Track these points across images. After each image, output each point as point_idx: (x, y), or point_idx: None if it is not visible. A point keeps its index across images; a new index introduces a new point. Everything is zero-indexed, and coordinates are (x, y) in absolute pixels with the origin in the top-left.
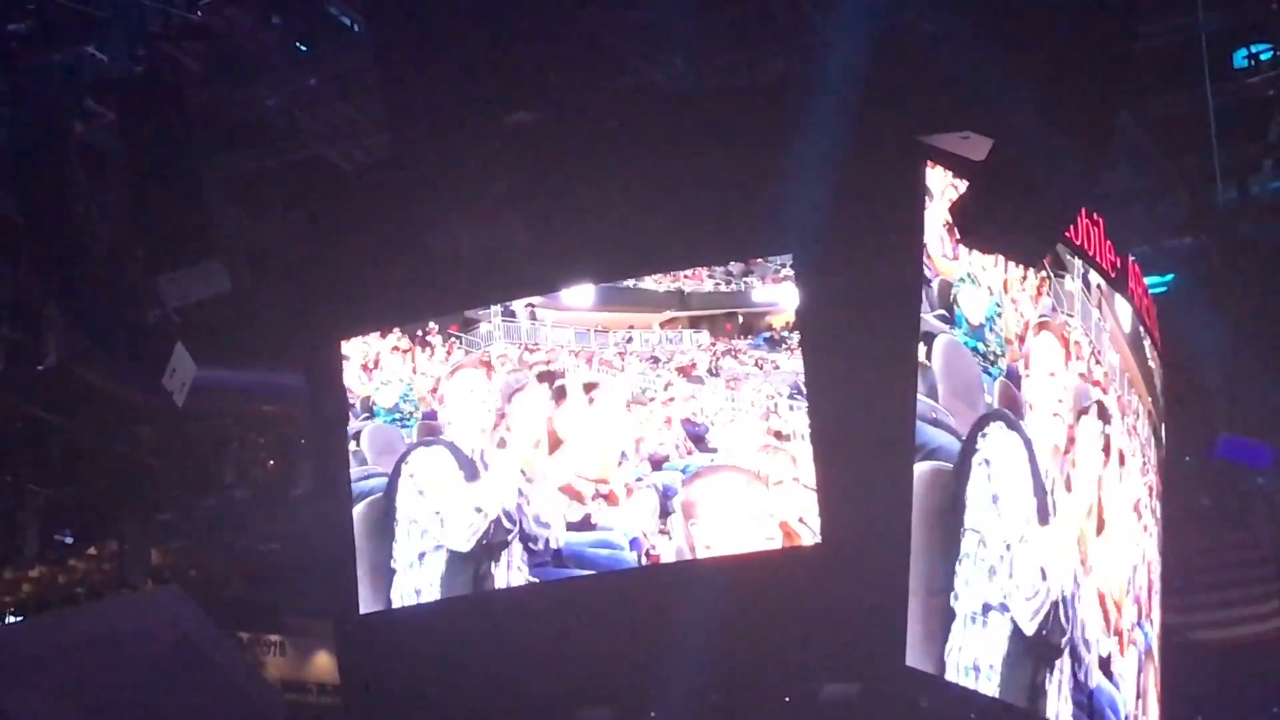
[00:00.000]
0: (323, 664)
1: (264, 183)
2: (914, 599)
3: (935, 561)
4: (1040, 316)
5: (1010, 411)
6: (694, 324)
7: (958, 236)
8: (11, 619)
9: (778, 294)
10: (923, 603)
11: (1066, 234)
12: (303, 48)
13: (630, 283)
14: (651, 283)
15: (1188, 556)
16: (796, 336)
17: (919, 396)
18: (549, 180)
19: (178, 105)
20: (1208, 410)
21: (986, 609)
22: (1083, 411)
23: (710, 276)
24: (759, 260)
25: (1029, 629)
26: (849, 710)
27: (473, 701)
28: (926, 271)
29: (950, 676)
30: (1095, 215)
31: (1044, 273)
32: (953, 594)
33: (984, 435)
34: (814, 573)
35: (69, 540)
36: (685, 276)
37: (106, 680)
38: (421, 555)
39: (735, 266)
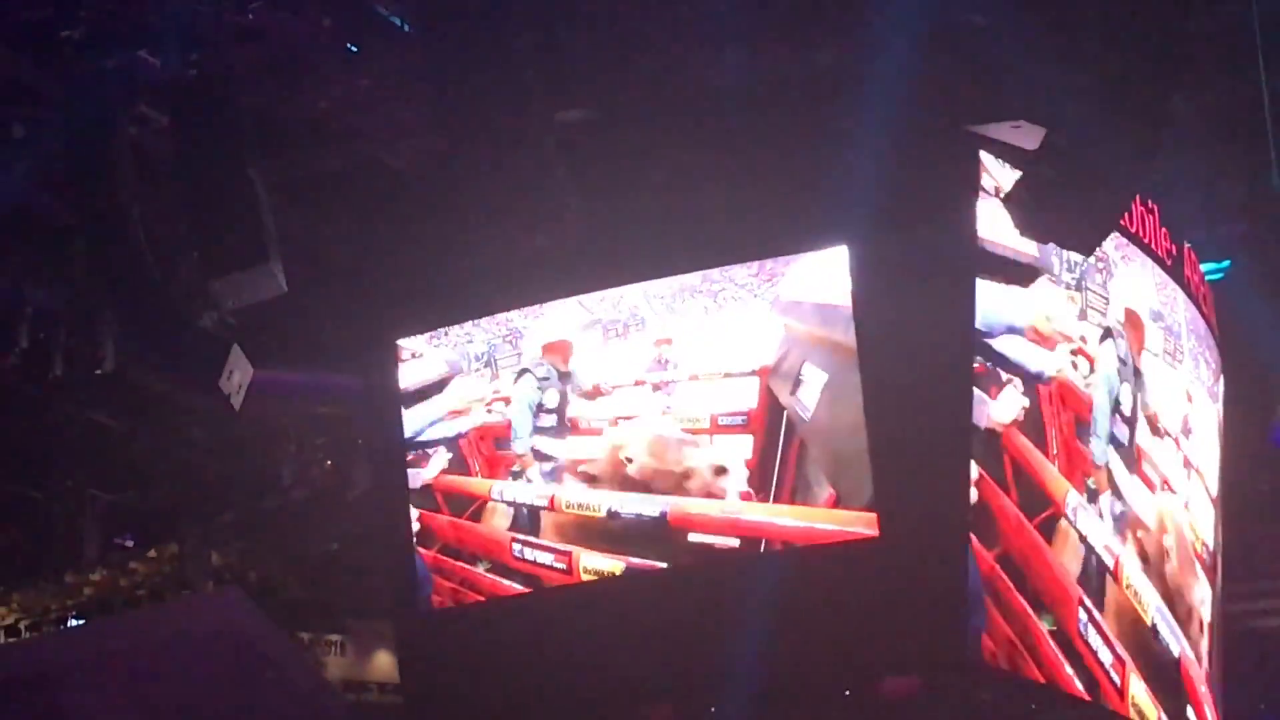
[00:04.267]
0: (384, 663)
1: (318, 184)
2: None
3: None
4: None
5: None
6: None
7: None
8: (73, 622)
9: None
10: None
11: (1122, 222)
12: (354, 48)
13: None
14: None
15: (1249, 544)
16: None
17: None
18: (601, 177)
19: (230, 108)
20: (1266, 396)
21: None
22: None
23: None
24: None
25: None
26: (909, 703)
27: (533, 698)
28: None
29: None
30: (1150, 203)
31: None
32: None
33: None
34: (874, 565)
35: (129, 544)
36: None
37: (168, 683)
38: None
39: None
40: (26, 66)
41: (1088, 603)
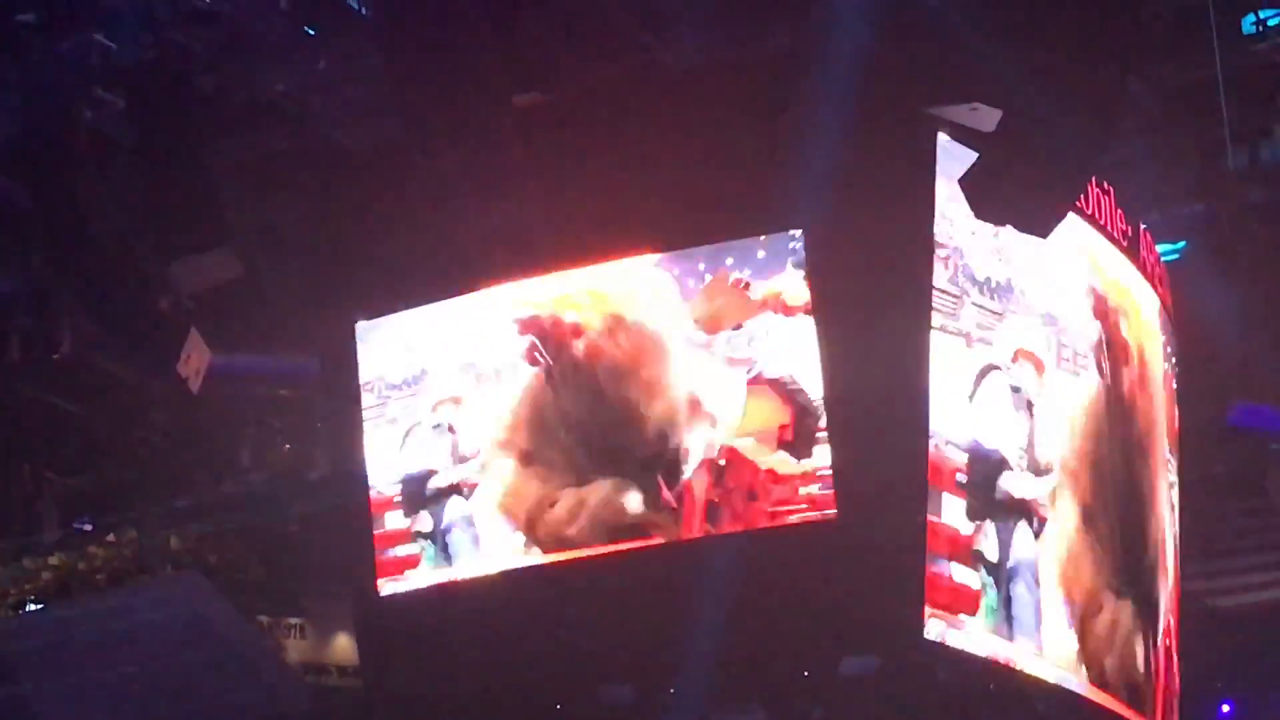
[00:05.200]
0: (343, 646)
1: (275, 167)
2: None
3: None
4: None
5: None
6: None
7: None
8: (32, 607)
9: None
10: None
11: (1077, 203)
12: (311, 31)
13: None
14: None
15: (1205, 524)
16: None
17: None
18: (557, 159)
19: (186, 91)
20: (1221, 377)
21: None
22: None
23: None
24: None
25: None
26: (868, 683)
27: (492, 681)
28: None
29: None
30: (1105, 184)
31: None
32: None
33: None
34: (831, 547)
35: (88, 528)
36: None
37: (127, 667)
38: None
39: None
40: None
41: None
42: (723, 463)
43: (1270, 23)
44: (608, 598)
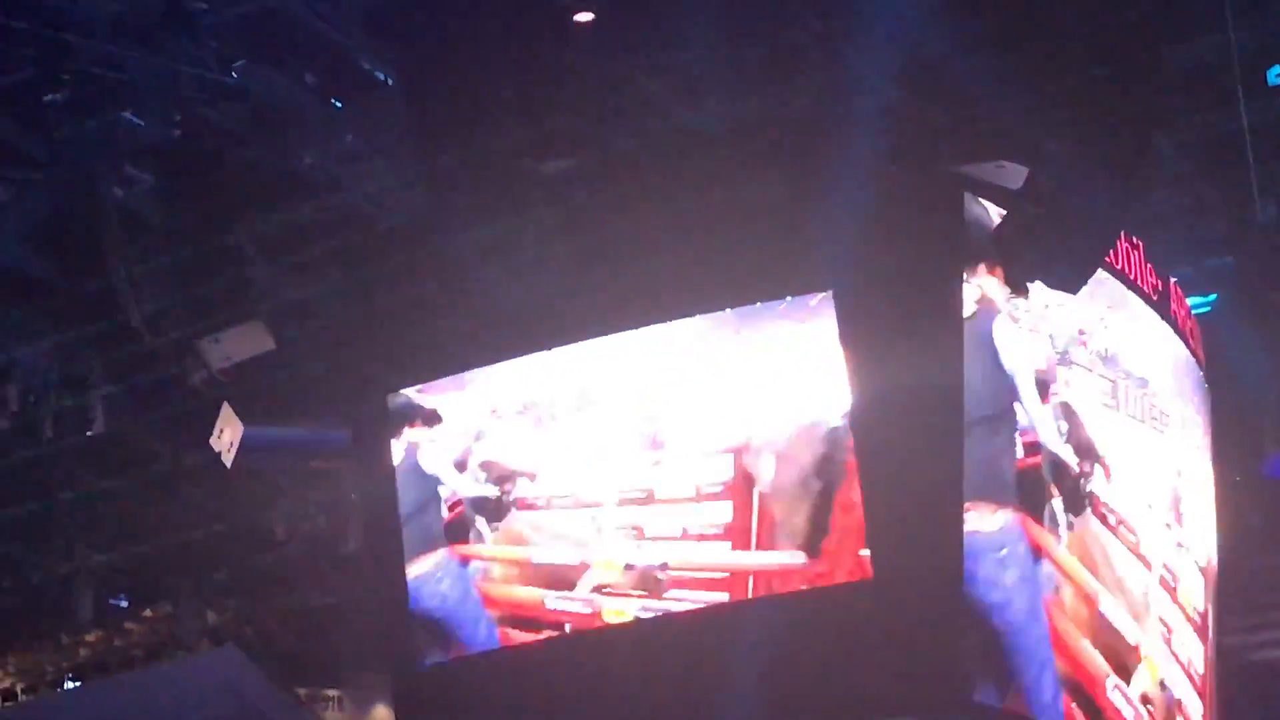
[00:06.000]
0: (381, 717)
1: (304, 239)
2: None
3: None
4: None
5: None
6: None
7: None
8: (70, 684)
9: None
10: None
11: (1107, 259)
12: (338, 104)
13: None
14: None
15: (1243, 577)
16: None
17: None
18: (587, 226)
19: (215, 167)
20: (1256, 429)
21: None
22: None
23: None
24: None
25: None
26: None
27: None
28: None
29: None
30: (1134, 239)
31: None
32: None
33: None
34: (871, 608)
35: (124, 604)
36: None
37: None
38: None
39: None
40: (9, 128)
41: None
42: None
43: None
44: (646, 663)
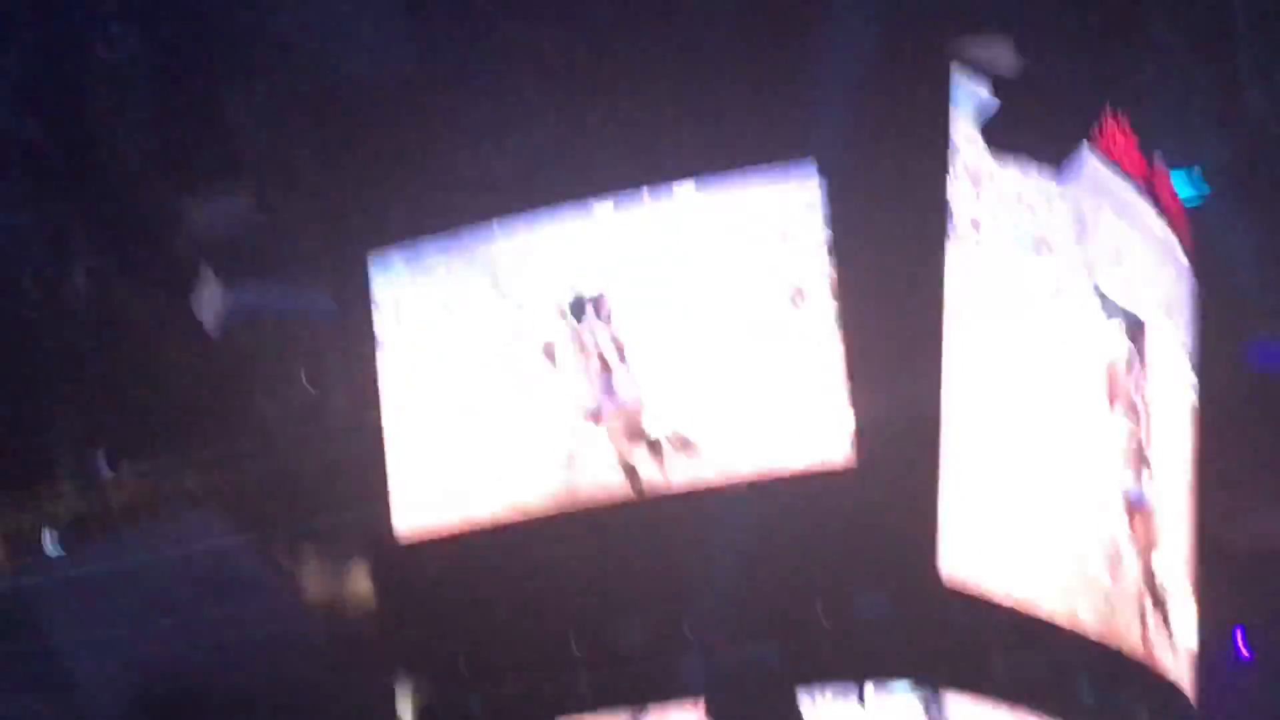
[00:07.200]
0: (360, 585)
1: (289, 101)
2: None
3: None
4: None
5: None
6: None
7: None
8: (52, 549)
9: None
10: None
11: (1091, 136)
12: None
13: None
14: None
15: (1225, 464)
16: None
17: None
18: (572, 88)
19: (203, 26)
20: (1241, 317)
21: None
22: None
23: None
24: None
25: None
26: (882, 622)
27: (506, 623)
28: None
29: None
30: (1122, 119)
31: None
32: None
33: None
34: (848, 487)
35: (106, 467)
36: None
37: (149, 606)
38: None
39: None
40: None
41: None
42: None
43: None
44: (625, 541)
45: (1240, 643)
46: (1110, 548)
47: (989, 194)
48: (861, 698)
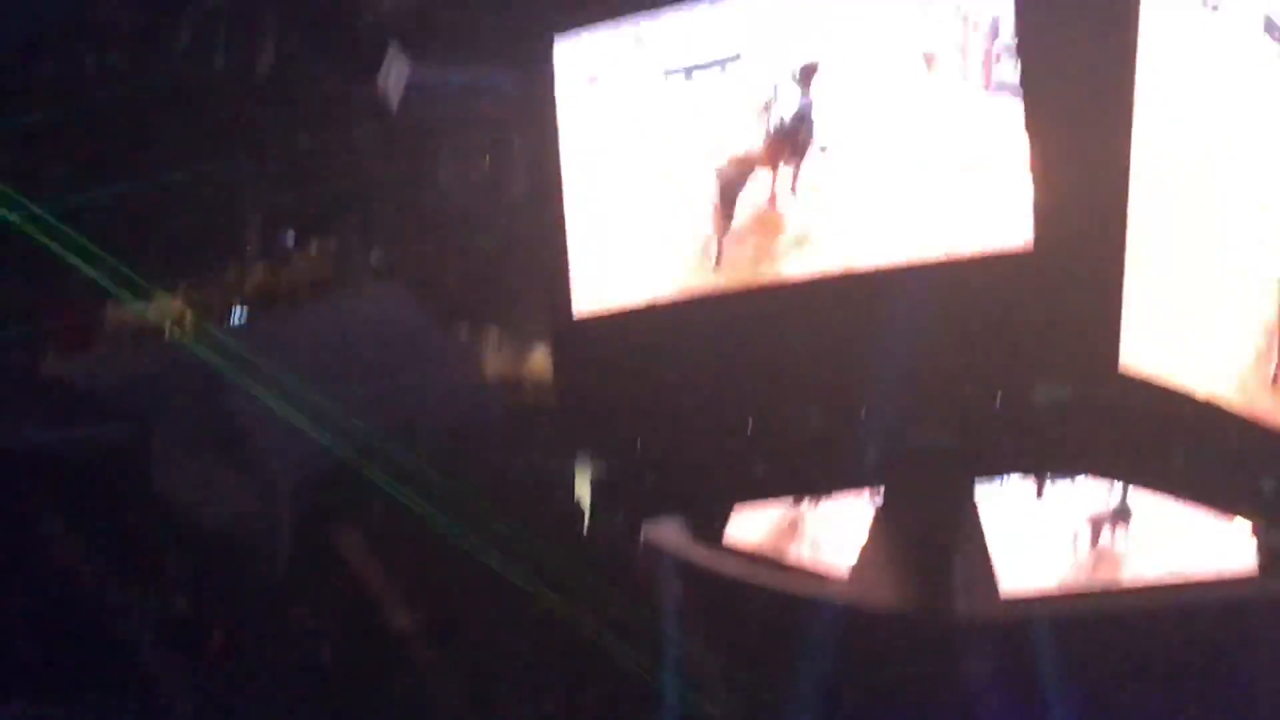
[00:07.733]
0: (539, 361)
1: None
2: None
3: None
4: None
5: None
6: None
7: None
8: (237, 319)
9: None
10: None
11: None
12: None
13: None
14: None
15: None
16: None
17: None
18: None
19: None
20: None
21: None
22: None
23: None
24: None
25: None
26: (1061, 411)
27: (684, 403)
28: None
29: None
30: None
31: None
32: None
33: None
34: (1027, 274)
35: (291, 241)
36: None
37: (332, 375)
38: None
39: None
40: None
41: None
42: None
43: None
44: (797, 329)
45: None
46: None
47: None
48: (1040, 488)
